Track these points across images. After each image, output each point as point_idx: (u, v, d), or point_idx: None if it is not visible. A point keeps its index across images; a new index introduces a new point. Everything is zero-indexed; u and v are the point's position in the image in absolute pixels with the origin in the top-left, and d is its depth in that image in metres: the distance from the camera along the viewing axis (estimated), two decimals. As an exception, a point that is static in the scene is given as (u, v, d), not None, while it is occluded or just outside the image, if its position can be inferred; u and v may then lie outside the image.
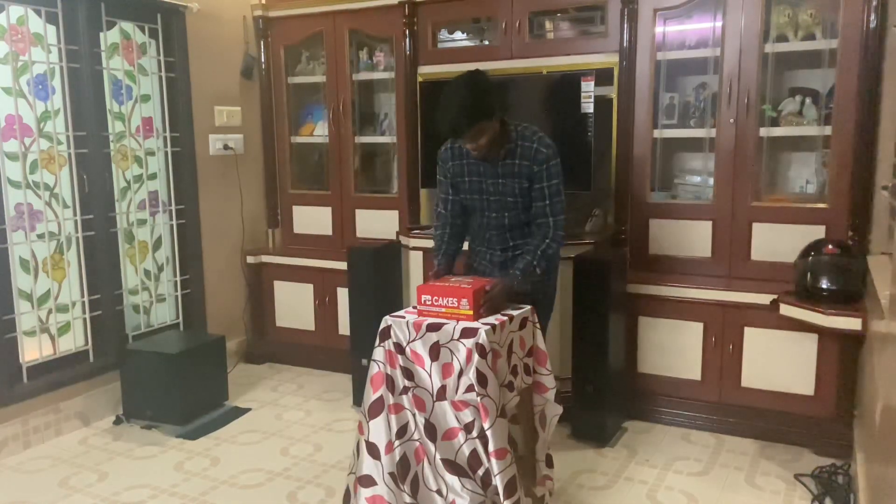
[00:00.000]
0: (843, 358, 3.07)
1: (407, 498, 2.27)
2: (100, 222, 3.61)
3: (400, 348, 2.32)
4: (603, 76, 3.49)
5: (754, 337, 3.26)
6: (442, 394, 2.25)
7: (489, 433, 2.17)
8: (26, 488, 2.96)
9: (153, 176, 3.94)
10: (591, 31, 3.72)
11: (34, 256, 3.38)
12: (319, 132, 4.48)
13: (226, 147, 4.29)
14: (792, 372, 3.19)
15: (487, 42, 4.03)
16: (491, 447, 2.18)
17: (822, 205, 3.26)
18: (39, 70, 3.37)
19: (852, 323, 2.81)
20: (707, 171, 3.56)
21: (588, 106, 3.46)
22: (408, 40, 3.99)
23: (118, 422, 3.58)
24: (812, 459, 3.09)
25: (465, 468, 2.22)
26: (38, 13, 3.34)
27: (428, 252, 3.62)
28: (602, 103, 3.50)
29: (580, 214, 3.67)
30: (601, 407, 3.27)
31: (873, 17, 2.99)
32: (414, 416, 2.29)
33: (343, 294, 3.99)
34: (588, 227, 3.69)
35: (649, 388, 3.52)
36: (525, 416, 2.51)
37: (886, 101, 3.02)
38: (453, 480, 2.22)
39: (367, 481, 2.30)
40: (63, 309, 3.52)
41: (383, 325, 2.36)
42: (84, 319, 3.61)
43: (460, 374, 2.22)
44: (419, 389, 2.29)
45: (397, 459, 2.28)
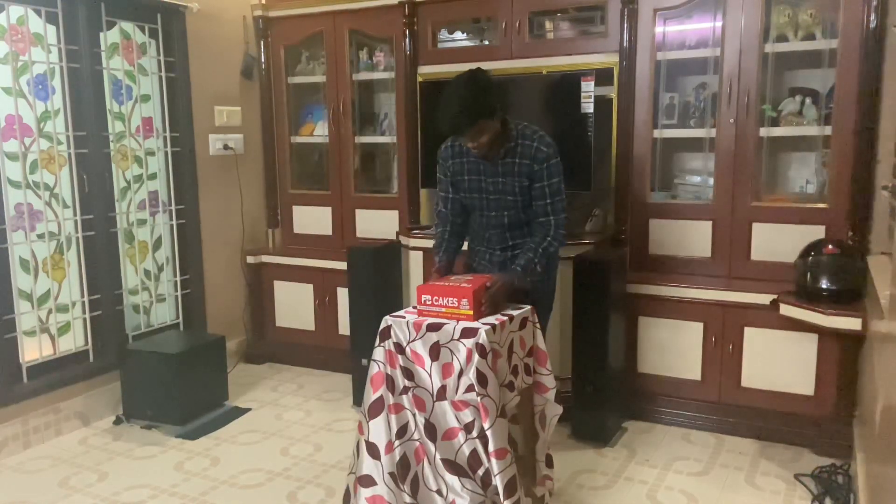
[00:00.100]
0: (843, 358, 3.07)
1: (407, 498, 2.27)
2: (100, 222, 3.61)
3: (400, 348, 2.32)
4: (603, 76, 3.50)
5: (754, 337, 3.26)
6: (442, 394, 2.25)
7: (489, 433, 2.17)
8: (26, 488, 2.96)
9: (153, 176, 3.94)
10: (591, 31, 3.73)
11: (34, 256, 3.38)
12: (319, 132, 4.48)
13: (226, 147, 4.29)
14: (792, 372, 3.20)
15: (487, 42, 4.04)
16: (491, 447, 2.18)
17: (822, 205, 3.26)
18: (39, 70, 3.37)
19: (852, 323, 2.82)
20: (707, 171, 3.56)
21: (588, 106, 3.46)
22: (408, 40, 3.99)
23: (118, 422, 3.58)
24: (812, 459, 3.09)
25: (465, 468, 2.22)
26: (38, 13, 3.34)
27: (428, 252, 3.61)
28: (602, 103, 3.51)
29: (580, 214, 3.67)
30: (601, 407, 3.27)
31: (873, 17, 2.99)
32: (414, 416, 2.29)
33: (343, 294, 3.99)
34: (588, 227, 3.69)
35: (649, 388, 3.52)
36: (525, 416, 2.51)
37: (886, 101, 3.02)
38: (453, 480, 2.22)
39: (367, 481, 2.30)
40: (63, 309, 3.52)
41: (383, 325, 2.36)
42: (84, 319, 3.61)
43: (460, 374, 2.22)
44: (419, 389, 2.29)
45: (397, 459, 2.28)
